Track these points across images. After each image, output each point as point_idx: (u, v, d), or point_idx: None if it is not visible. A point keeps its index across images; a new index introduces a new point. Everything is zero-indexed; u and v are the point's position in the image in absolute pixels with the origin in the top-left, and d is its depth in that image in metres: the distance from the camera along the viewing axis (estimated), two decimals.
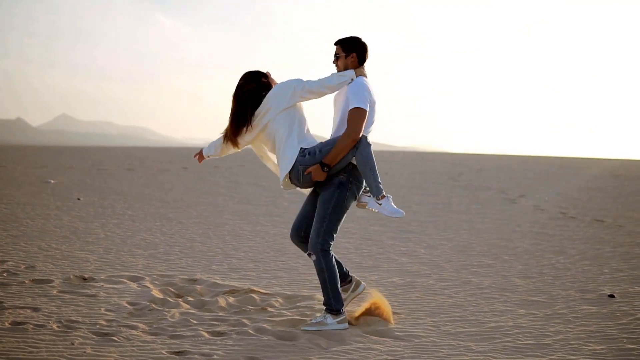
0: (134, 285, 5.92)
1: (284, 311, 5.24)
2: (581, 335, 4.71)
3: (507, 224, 11.40)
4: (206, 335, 4.50)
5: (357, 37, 4.83)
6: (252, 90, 4.83)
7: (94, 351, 4.03)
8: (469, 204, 14.96)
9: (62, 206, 12.15)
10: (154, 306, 5.21)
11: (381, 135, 4.92)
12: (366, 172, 4.65)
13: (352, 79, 4.72)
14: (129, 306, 5.18)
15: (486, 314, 5.30)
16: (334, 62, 4.84)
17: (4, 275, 6.05)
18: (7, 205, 11.96)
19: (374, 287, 5.71)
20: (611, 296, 5.91)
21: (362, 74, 4.78)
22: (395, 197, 5.90)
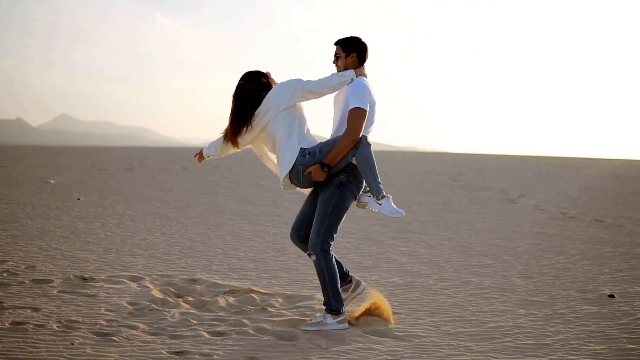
0: (134, 285, 5.92)
1: (284, 311, 5.24)
2: (581, 335, 4.71)
3: (507, 224, 11.40)
4: (206, 335, 4.50)
5: (357, 37, 4.83)
6: (252, 90, 4.81)
7: (94, 351, 4.03)
8: (468, 204, 14.97)
9: (62, 206, 12.16)
10: (154, 306, 5.21)
11: (381, 135, 4.92)
12: (366, 172, 4.65)
13: (352, 79, 4.72)
14: (129, 306, 5.17)
15: (486, 314, 5.30)
16: (333, 62, 4.84)
17: (4, 275, 6.05)
18: (7, 205, 11.96)
19: (374, 287, 5.71)
20: (611, 296, 5.91)
21: (362, 74, 4.78)
22: (395, 197, 5.90)
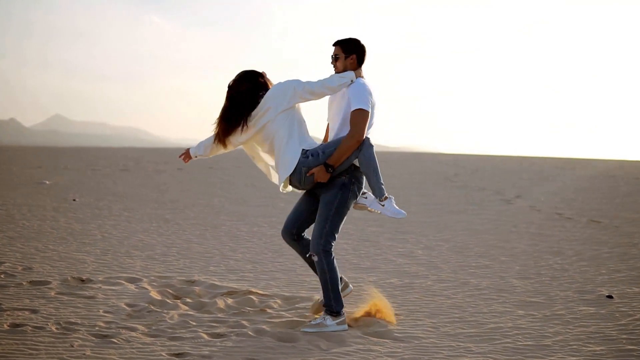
0: (132, 286, 5.90)
1: (282, 312, 5.22)
2: (581, 336, 4.72)
3: (503, 224, 11.41)
4: (205, 336, 4.48)
5: (357, 39, 4.82)
6: (249, 89, 4.73)
7: (94, 353, 4.02)
8: (465, 205, 14.98)
9: (58, 207, 12.12)
10: (153, 308, 5.19)
11: (381, 135, 4.92)
12: (369, 173, 4.65)
13: (351, 81, 4.71)
14: (128, 308, 5.16)
15: (485, 315, 5.29)
16: (332, 62, 4.82)
17: (1, 276, 6.03)
18: (3, 206, 11.93)
19: (374, 287, 5.68)
20: (609, 297, 5.92)
21: (360, 76, 4.78)
22: None
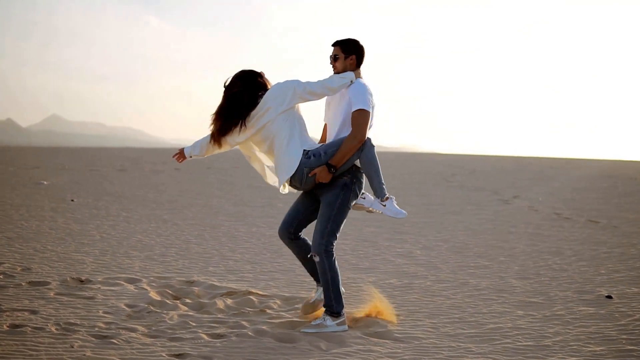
0: (131, 287, 5.89)
1: (282, 313, 5.22)
2: (580, 336, 4.72)
3: (502, 224, 11.42)
4: (206, 337, 4.48)
5: (357, 40, 4.82)
6: (248, 89, 4.69)
7: (94, 354, 4.01)
8: (463, 205, 14.99)
9: (57, 208, 12.10)
10: (152, 308, 5.18)
11: (378, 135, 4.92)
12: (371, 173, 4.66)
13: (351, 81, 4.71)
14: (127, 308, 5.15)
15: (485, 315, 5.30)
16: (331, 62, 4.81)
17: (0, 277, 6.01)
18: (1, 206, 11.91)
19: (373, 287, 5.68)
20: (609, 297, 5.92)
21: (359, 77, 4.79)
22: None
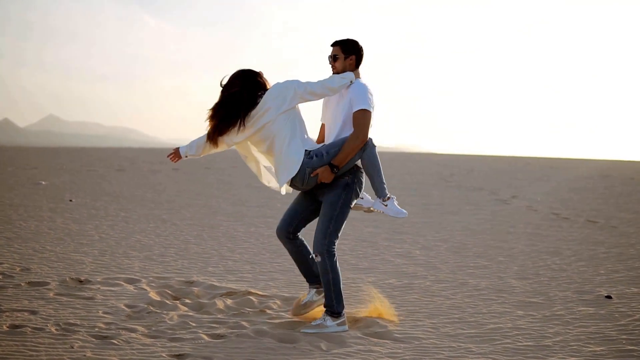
0: (131, 287, 5.88)
1: (282, 313, 5.22)
2: (581, 336, 4.72)
3: (500, 224, 11.42)
4: (206, 337, 4.47)
5: (356, 40, 4.82)
6: (247, 89, 4.66)
7: (94, 354, 4.00)
8: (461, 205, 14.99)
9: (55, 208, 12.08)
10: (152, 309, 5.17)
11: (381, 135, 4.93)
12: (373, 173, 4.67)
13: (351, 81, 4.71)
14: (127, 309, 5.14)
15: (485, 315, 5.30)
16: (330, 62, 4.80)
17: (0, 277, 6.01)
18: (0, 206, 11.89)
19: (373, 288, 5.67)
20: (608, 297, 5.93)
21: (358, 77, 4.79)
22: None
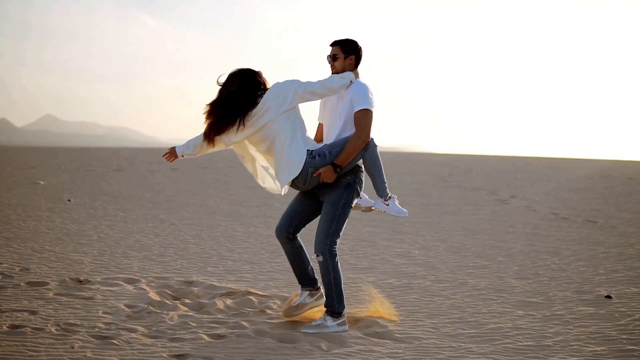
0: (130, 287, 5.87)
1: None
2: (581, 336, 4.72)
3: (499, 224, 11.42)
4: (206, 338, 4.46)
5: (355, 40, 4.82)
6: (246, 88, 4.63)
7: (95, 355, 3.99)
8: (460, 205, 14.99)
9: (54, 208, 12.07)
10: (152, 309, 5.16)
11: (380, 135, 4.93)
12: (375, 173, 4.68)
13: (351, 81, 4.70)
14: (127, 309, 5.13)
15: (485, 315, 5.30)
16: (329, 62, 4.79)
17: None
18: None
19: (372, 288, 5.67)
20: (608, 297, 5.93)
21: (357, 77, 4.79)
22: None
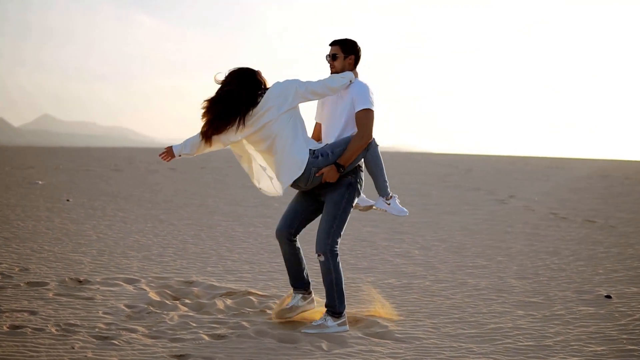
0: (130, 287, 5.86)
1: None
2: (581, 336, 4.72)
3: (499, 224, 11.42)
4: (206, 338, 4.46)
5: (355, 40, 4.82)
6: (245, 87, 4.60)
7: (95, 355, 3.99)
8: (459, 205, 14.99)
9: (52, 208, 12.05)
10: (152, 309, 5.16)
11: (380, 135, 4.92)
12: (376, 172, 4.70)
13: (350, 81, 4.70)
14: (127, 309, 5.13)
15: (485, 315, 5.30)
16: (329, 61, 4.79)
17: None
18: None
19: (372, 288, 5.67)
20: (608, 297, 5.93)
21: (357, 76, 4.79)
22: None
